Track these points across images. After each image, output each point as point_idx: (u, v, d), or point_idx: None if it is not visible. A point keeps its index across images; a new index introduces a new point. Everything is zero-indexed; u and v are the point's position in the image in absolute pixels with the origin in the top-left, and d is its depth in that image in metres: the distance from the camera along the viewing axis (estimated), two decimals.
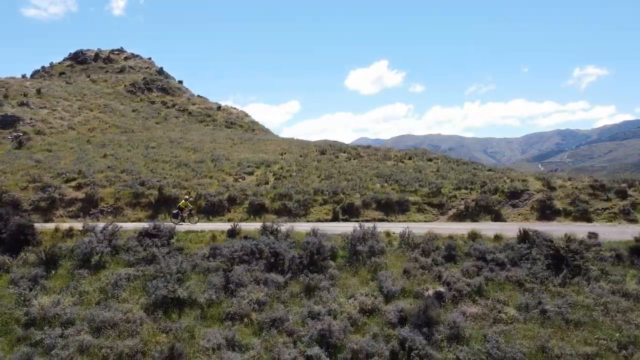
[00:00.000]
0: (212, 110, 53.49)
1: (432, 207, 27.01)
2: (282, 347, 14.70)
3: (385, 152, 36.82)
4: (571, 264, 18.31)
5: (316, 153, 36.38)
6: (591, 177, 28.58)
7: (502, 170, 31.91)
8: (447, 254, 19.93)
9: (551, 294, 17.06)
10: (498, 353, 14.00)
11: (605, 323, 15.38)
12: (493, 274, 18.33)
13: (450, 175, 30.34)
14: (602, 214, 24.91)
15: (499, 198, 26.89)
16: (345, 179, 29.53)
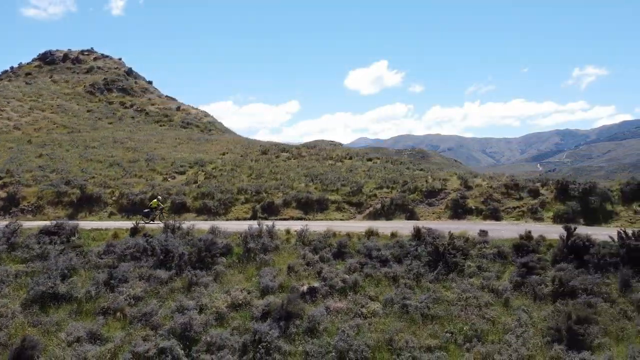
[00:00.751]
0: (170, 111, 54.26)
1: (351, 205, 27.61)
2: (140, 340, 15.28)
3: (328, 152, 37.40)
4: (449, 260, 18.90)
5: (258, 153, 36.98)
6: (509, 176, 29.16)
7: (433, 170, 32.46)
8: (338, 251, 20.54)
9: (421, 290, 17.67)
10: (343, 345, 14.57)
11: (460, 317, 16.00)
12: (374, 270, 18.93)
13: (378, 174, 30.93)
14: (512, 212, 25.50)
15: (416, 197, 27.48)
16: (274, 179, 30.14)
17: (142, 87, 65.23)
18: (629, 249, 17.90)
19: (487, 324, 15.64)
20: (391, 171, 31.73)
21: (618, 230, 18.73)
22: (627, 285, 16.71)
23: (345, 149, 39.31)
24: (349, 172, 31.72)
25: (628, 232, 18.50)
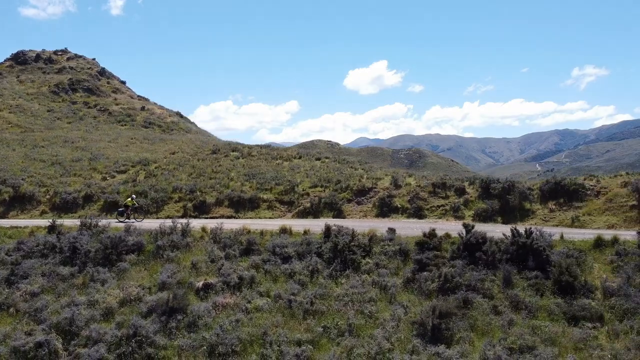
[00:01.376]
0: (134, 111, 54.76)
1: (283, 204, 28.00)
2: (22, 334, 15.72)
3: (280, 152, 37.80)
4: (347, 257, 19.29)
5: (208, 152, 37.40)
6: (439, 176, 29.51)
7: (372, 170, 32.86)
8: (246, 248, 20.96)
9: (314, 285, 18.07)
10: (215, 340, 14.99)
11: (340, 312, 16.36)
12: (274, 267, 19.36)
13: (318, 174, 31.32)
14: (436, 211, 25.88)
15: (346, 196, 27.86)
16: (212, 178, 30.56)
17: (114, 87, 65.76)
18: (517, 246, 18.27)
19: (364, 318, 16.02)
20: (332, 170, 32.12)
21: (510, 227, 19.10)
22: (508, 281, 17.10)
23: (294, 149, 39.66)
24: (290, 172, 32.10)
25: (519, 229, 18.87)
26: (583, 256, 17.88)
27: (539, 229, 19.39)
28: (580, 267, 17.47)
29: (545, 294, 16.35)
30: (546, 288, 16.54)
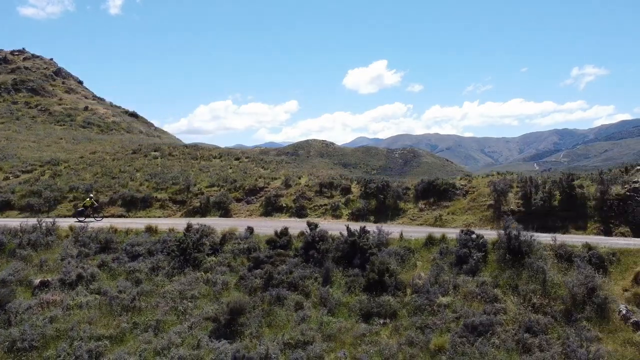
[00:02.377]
0: (76, 111, 55.27)
1: (176, 203, 28.44)
2: None
3: (202, 152, 38.27)
4: (190, 255, 19.74)
5: (129, 152, 37.89)
6: (330, 175, 29.94)
7: (277, 169, 33.29)
8: (104, 246, 21.41)
9: (149, 282, 18.50)
10: (19, 335, 15.41)
11: (157, 309, 16.81)
12: (119, 265, 19.82)
13: (221, 173, 31.77)
14: (318, 210, 26.30)
15: (237, 195, 28.29)
16: (117, 177, 31.03)
17: (68, 87, 66.35)
18: (348, 245, 18.70)
19: (176, 315, 16.47)
20: (239, 170, 32.57)
21: (346, 225, 19.53)
22: (327, 279, 17.55)
23: (219, 149, 40.11)
24: (198, 172, 32.56)
25: (351, 228, 19.30)
26: (409, 254, 18.27)
27: (380, 227, 19.82)
28: (403, 265, 17.93)
29: (355, 291, 16.78)
30: (360, 285, 16.96)
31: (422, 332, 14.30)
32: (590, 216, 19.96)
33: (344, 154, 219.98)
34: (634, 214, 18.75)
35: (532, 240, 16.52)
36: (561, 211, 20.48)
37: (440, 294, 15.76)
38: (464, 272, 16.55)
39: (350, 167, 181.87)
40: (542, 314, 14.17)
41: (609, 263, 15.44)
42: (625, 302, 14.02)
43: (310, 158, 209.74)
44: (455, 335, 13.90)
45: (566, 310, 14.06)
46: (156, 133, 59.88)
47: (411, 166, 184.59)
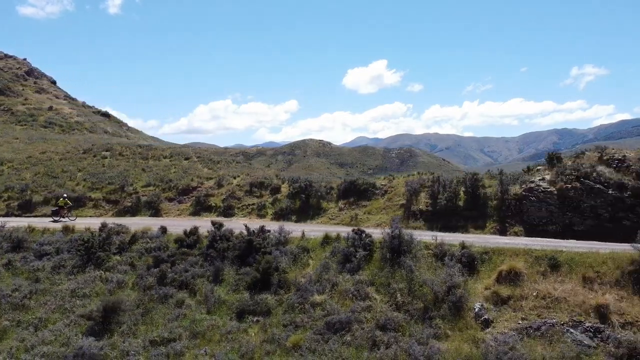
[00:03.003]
0: (40, 111, 55.58)
1: (110, 203, 28.73)
2: None
3: (154, 152, 38.54)
4: (94, 254, 20.01)
5: (80, 152, 38.20)
6: (263, 175, 30.19)
7: (217, 169, 33.59)
8: (16, 245, 21.71)
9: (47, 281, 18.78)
10: None
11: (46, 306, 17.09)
12: (24, 264, 20.17)
13: (162, 173, 32.05)
14: (245, 209, 26.56)
15: (170, 194, 28.57)
16: (57, 177, 31.32)
17: (39, 87, 66.70)
18: (245, 243, 18.95)
19: (61, 312, 16.74)
20: (178, 170, 32.85)
21: (244, 224, 19.80)
22: (217, 277, 17.82)
23: (171, 149, 40.39)
24: (140, 171, 32.83)
25: (250, 227, 19.57)
26: (303, 253, 18.51)
27: (281, 227, 20.09)
28: (295, 263, 18.18)
29: (240, 289, 17.04)
30: (246, 283, 17.21)
31: (286, 330, 14.57)
32: (490, 216, 20.19)
33: (341, 153, 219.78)
34: (528, 213, 18.96)
35: (412, 239, 16.76)
36: (465, 210, 20.72)
37: (317, 293, 16.00)
38: (347, 270, 16.79)
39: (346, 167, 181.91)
40: (402, 312, 14.42)
41: (480, 262, 15.66)
42: (484, 300, 14.26)
43: (307, 158, 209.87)
44: (315, 332, 14.17)
45: (425, 308, 14.30)
46: (124, 133, 60.16)
47: (407, 166, 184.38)
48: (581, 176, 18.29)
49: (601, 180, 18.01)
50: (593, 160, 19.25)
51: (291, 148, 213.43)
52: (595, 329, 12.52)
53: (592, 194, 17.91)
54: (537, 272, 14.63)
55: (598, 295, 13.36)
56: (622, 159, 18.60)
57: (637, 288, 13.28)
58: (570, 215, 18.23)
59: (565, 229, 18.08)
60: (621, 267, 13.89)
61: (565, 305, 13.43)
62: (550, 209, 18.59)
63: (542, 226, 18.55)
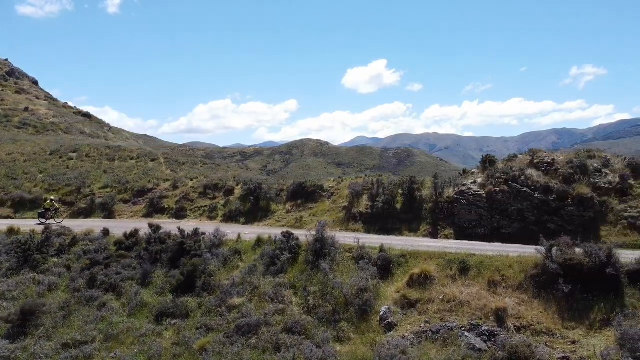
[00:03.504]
0: (15, 112, 55.76)
1: (66, 204, 28.85)
2: None
3: (120, 154, 38.66)
4: (32, 256, 20.14)
5: (47, 153, 38.34)
6: (219, 177, 30.32)
7: (177, 171, 33.74)
8: None
9: None
10: None
11: None
12: None
13: (121, 175, 32.19)
14: (198, 211, 26.70)
15: (126, 196, 28.71)
16: (17, 178, 31.49)
17: (20, 88, 66.83)
18: (177, 245, 19.10)
19: None
20: (139, 171, 32.99)
21: (178, 227, 19.96)
22: (145, 279, 17.98)
23: (139, 151, 40.51)
24: (101, 173, 32.97)
25: (185, 229, 19.72)
26: (235, 256, 18.65)
27: (217, 229, 20.23)
28: (226, 266, 18.32)
29: (165, 292, 17.19)
30: (172, 286, 17.35)
31: (199, 333, 14.72)
32: (424, 218, 20.31)
33: (338, 153, 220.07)
34: (459, 216, 19.08)
35: (334, 242, 16.92)
36: (402, 213, 20.85)
37: (237, 295, 16.16)
38: (272, 273, 16.93)
39: (344, 167, 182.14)
40: (313, 315, 14.56)
41: (397, 265, 15.80)
42: (393, 304, 14.40)
43: (304, 158, 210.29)
44: (225, 335, 14.32)
45: (333, 311, 14.45)
46: (104, 134, 60.27)
47: (405, 166, 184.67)
48: (509, 179, 18.42)
49: (528, 183, 18.14)
50: (524, 163, 19.37)
51: (288, 148, 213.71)
52: (490, 332, 12.66)
53: (519, 197, 18.05)
54: (447, 276, 14.78)
55: (499, 299, 13.51)
56: (552, 163, 18.72)
57: (537, 292, 13.41)
58: (498, 219, 18.37)
59: (494, 231, 18.22)
60: (526, 270, 14.03)
61: (468, 308, 13.57)
62: (479, 212, 18.72)
63: (471, 229, 18.68)
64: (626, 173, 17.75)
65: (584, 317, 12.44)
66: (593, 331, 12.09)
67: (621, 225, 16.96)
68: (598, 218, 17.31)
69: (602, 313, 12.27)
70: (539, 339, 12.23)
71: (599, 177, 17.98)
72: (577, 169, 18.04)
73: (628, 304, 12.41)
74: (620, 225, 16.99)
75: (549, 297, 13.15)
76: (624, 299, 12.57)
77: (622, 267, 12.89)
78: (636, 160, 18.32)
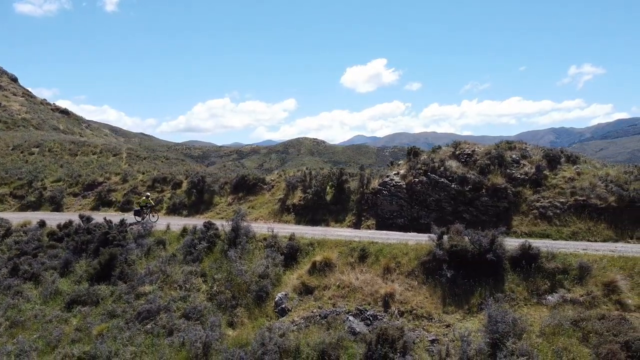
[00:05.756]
0: None
1: (16, 198, 29.10)
2: None
3: (83, 149, 38.90)
4: None
5: (9, 148, 38.60)
6: (170, 171, 30.56)
7: (123, 166, 33.99)
8: None
9: None
10: None
11: None
12: None
13: (79, 169, 32.41)
14: None
15: (76, 190, 28.95)
16: None
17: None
18: (103, 235, 19.36)
19: None
20: (95, 166, 33.23)
21: (104, 218, 20.20)
22: (66, 268, 18.28)
23: (102, 146, 40.74)
24: (58, 167, 33.20)
25: (114, 220, 19.99)
26: (159, 246, 18.88)
27: (148, 219, 20.48)
28: (149, 255, 18.56)
29: (82, 280, 17.47)
30: (91, 274, 17.62)
31: (102, 319, 15.00)
32: (350, 209, 20.55)
33: (335, 152, 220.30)
34: (381, 207, 19.32)
35: (248, 231, 17.21)
36: (331, 205, 21.08)
37: (149, 283, 16.42)
38: (188, 262, 17.20)
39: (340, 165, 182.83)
40: (214, 301, 14.84)
41: (304, 253, 16.07)
42: (292, 290, 14.67)
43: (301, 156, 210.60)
44: (125, 321, 14.61)
45: (233, 297, 14.72)
46: (81, 130, 60.54)
47: None
48: (429, 170, 18.68)
49: (447, 174, 18.38)
50: (447, 154, 19.62)
51: (285, 147, 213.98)
52: (374, 316, 12.95)
53: (436, 187, 18.29)
54: (347, 263, 15.06)
55: (390, 284, 13.79)
56: (471, 154, 18.97)
57: (426, 277, 13.69)
58: (417, 209, 18.62)
59: (413, 221, 18.47)
60: (419, 257, 14.31)
61: (360, 294, 13.85)
62: (400, 202, 18.97)
63: (392, 219, 18.93)
64: (542, 164, 18.00)
65: (464, 302, 12.74)
66: (470, 315, 12.38)
67: (532, 215, 17.23)
68: (511, 208, 17.56)
69: (480, 297, 12.55)
70: (418, 322, 12.53)
71: (515, 168, 18.24)
72: (494, 159, 18.28)
73: (506, 289, 12.70)
74: (531, 215, 17.25)
75: (435, 283, 13.43)
76: (503, 284, 12.86)
77: (505, 254, 13.17)
78: (553, 151, 18.59)
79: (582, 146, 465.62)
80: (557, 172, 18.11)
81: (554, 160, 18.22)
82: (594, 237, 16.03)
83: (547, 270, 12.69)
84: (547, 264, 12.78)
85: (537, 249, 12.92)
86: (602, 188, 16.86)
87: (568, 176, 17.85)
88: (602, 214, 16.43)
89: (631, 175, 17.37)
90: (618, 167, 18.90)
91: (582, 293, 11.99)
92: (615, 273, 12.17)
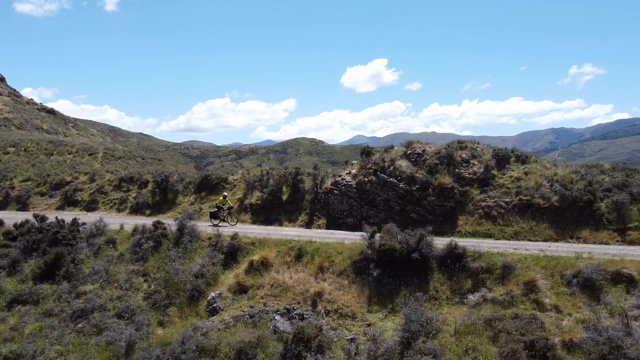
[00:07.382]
0: None
1: None
2: None
3: (59, 149, 38.93)
4: None
5: None
6: (137, 171, 30.58)
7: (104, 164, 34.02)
8: None
9: None
10: None
11: None
12: None
13: (43, 169, 32.49)
14: (109, 204, 26.96)
15: (43, 189, 28.99)
16: None
17: None
18: (53, 234, 19.36)
19: None
20: (65, 165, 33.29)
21: (56, 217, 20.25)
22: (13, 267, 18.28)
23: (79, 146, 40.81)
24: (30, 167, 33.25)
25: (66, 220, 20.04)
26: (109, 245, 18.88)
27: (100, 219, 20.50)
28: (98, 254, 18.56)
29: (27, 279, 17.47)
30: (36, 274, 17.63)
31: (37, 318, 15.01)
32: (304, 209, 20.55)
33: (333, 152, 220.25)
34: (332, 206, 19.33)
35: (192, 231, 17.22)
36: (287, 204, 21.10)
37: (90, 283, 16.44)
38: (134, 260, 17.21)
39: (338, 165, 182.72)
40: (149, 301, 14.86)
41: (245, 252, 16.07)
42: (227, 289, 14.67)
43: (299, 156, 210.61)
44: (60, 320, 14.63)
45: (167, 297, 14.73)
46: (65, 130, 60.59)
47: None
48: (379, 170, 18.67)
49: (396, 174, 18.39)
50: (399, 154, 19.62)
51: (283, 147, 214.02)
52: (300, 315, 12.96)
53: (385, 187, 18.29)
54: (284, 262, 15.06)
55: (321, 284, 13.80)
56: (422, 153, 18.97)
57: (355, 276, 13.71)
58: (367, 208, 18.62)
59: (363, 221, 18.45)
60: (352, 256, 14.32)
61: (292, 293, 13.86)
62: (350, 202, 18.98)
63: (342, 219, 18.94)
64: (490, 164, 17.99)
65: (388, 301, 12.75)
66: (392, 314, 12.39)
67: (477, 214, 17.22)
68: (458, 208, 17.55)
69: (404, 297, 12.54)
70: (342, 321, 12.55)
71: (465, 168, 18.23)
72: (443, 159, 18.27)
73: (431, 288, 12.71)
74: (477, 214, 17.24)
75: (363, 282, 13.45)
76: (428, 283, 12.87)
77: (432, 253, 13.17)
78: (502, 151, 18.57)
79: (581, 146, 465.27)
80: (505, 172, 18.11)
81: (503, 160, 18.23)
82: (535, 237, 16.04)
83: (471, 270, 12.71)
84: (472, 264, 12.79)
85: (463, 249, 12.92)
86: (547, 188, 16.86)
87: (515, 176, 17.85)
88: (545, 214, 16.43)
89: (578, 175, 17.36)
90: (568, 167, 18.91)
91: (503, 292, 11.99)
92: (536, 272, 12.17)
